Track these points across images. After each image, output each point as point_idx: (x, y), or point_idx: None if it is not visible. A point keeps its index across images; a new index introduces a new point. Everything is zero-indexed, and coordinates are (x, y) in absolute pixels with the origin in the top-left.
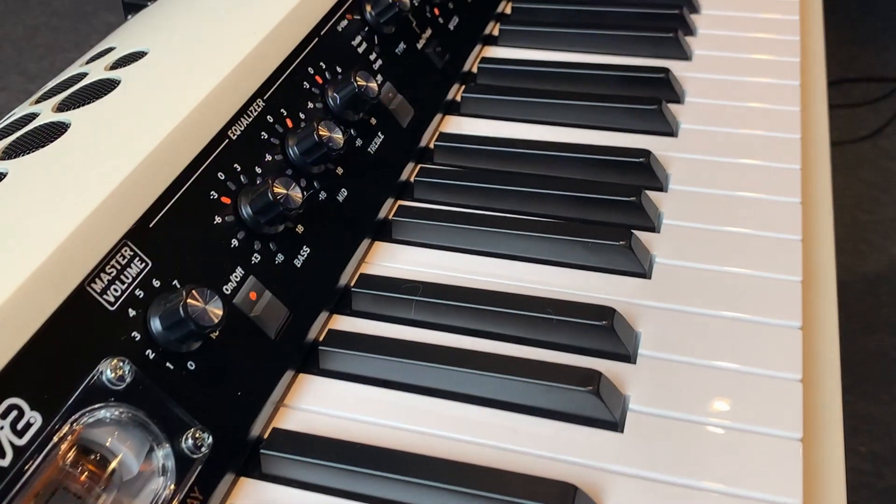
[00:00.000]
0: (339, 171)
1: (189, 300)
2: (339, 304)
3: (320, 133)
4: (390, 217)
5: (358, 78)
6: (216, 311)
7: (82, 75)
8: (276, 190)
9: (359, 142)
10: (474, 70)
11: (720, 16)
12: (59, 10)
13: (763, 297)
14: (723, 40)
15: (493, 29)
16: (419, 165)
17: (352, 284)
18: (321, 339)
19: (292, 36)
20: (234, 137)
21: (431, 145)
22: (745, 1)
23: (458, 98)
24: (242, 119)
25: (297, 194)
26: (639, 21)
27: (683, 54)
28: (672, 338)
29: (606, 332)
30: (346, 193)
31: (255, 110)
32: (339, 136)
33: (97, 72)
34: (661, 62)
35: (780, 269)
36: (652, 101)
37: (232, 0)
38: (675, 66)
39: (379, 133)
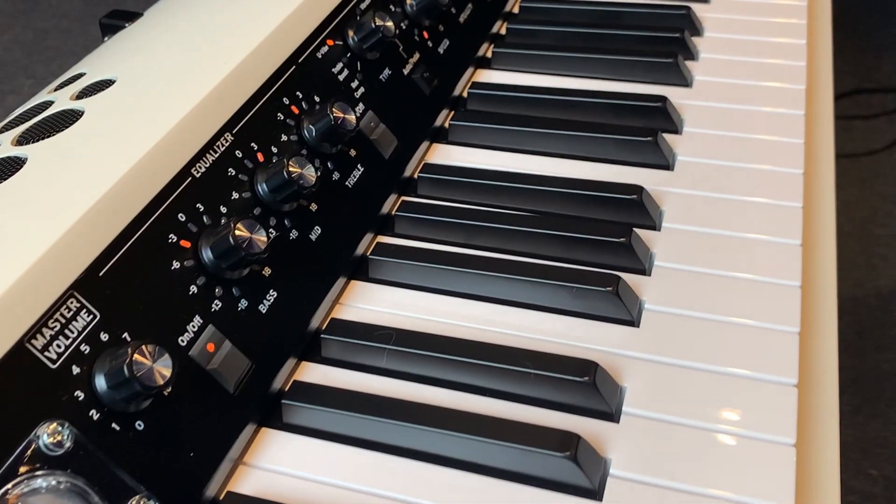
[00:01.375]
0: (313, 207)
1: (135, 358)
2: (308, 350)
3: (290, 170)
4: (368, 255)
5: (335, 109)
6: (164, 370)
7: (48, 104)
8: (238, 233)
9: (336, 175)
10: (465, 95)
11: (724, 39)
12: (69, 13)
13: (761, 350)
14: (726, 66)
15: (487, 51)
16: (401, 198)
17: (323, 328)
18: (286, 389)
19: (267, 65)
20: (197, 175)
21: (416, 175)
22: (750, 24)
23: (447, 125)
24: (208, 155)
25: (261, 237)
26: (638, 45)
27: (683, 80)
28: (660, 394)
29: (588, 388)
30: (319, 232)
31: (223, 145)
32: (311, 173)
33: (62, 101)
34: (660, 88)
35: (779, 321)
36: (647, 132)
37: (207, 25)
38: (675, 93)
39: (358, 165)
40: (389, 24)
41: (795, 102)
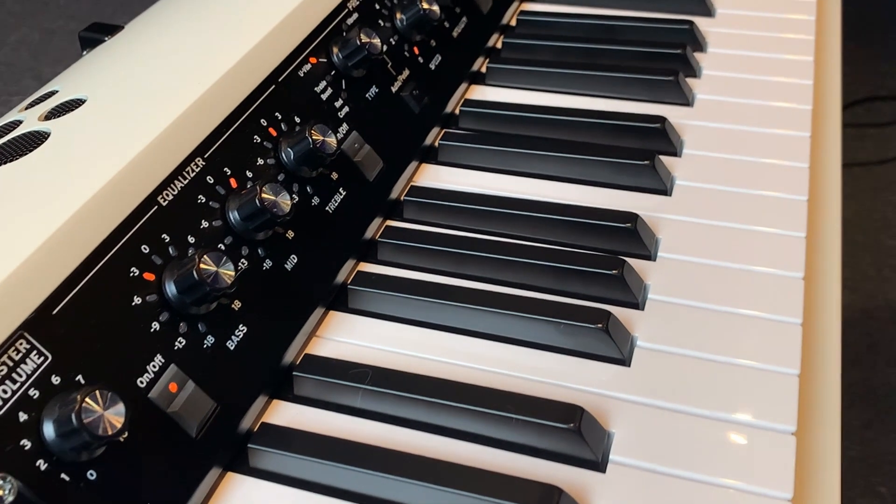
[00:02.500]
0: (290, 234)
1: (85, 405)
2: (281, 387)
3: (263, 197)
4: (348, 283)
5: (313, 132)
6: (116, 418)
7: (17, 123)
8: (203, 266)
9: (315, 200)
10: (457, 112)
11: (728, 55)
12: (77, 14)
13: (761, 395)
14: (729, 83)
15: (482, 65)
16: (385, 223)
17: (296, 363)
18: (255, 430)
19: (243, 85)
20: (164, 203)
21: (402, 199)
22: (756, 40)
23: (437, 144)
24: (177, 182)
25: (227, 271)
26: (638, 61)
27: (684, 99)
28: (651, 442)
29: (572, 435)
30: (295, 260)
31: (193, 171)
32: (286, 200)
33: (31, 121)
34: (660, 107)
35: (780, 362)
36: (645, 155)
37: (186, 41)
38: (675, 113)
39: (340, 189)
40: (376, 41)
41: (802, 124)
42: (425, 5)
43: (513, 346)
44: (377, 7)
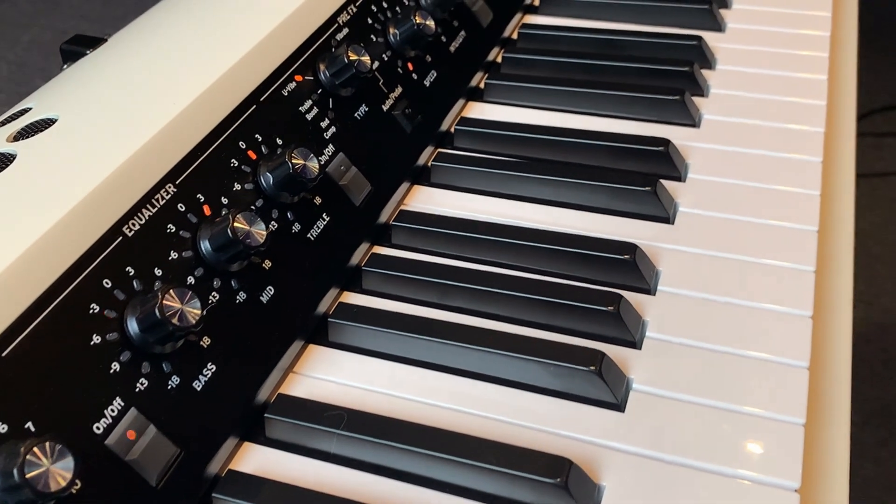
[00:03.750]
0: (267, 264)
1: (28, 458)
2: (253, 428)
3: (236, 226)
4: (328, 316)
5: (294, 156)
6: (62, 473)
7: None
8: (167, 302)
9: (296, 227)
10: (452, 131)
11: (738, 73)
12: (89, 15)
13: (766, 447)
14: (738, 103)
15: (481, 81)
16: (372, 250)
17: (271, 401)
18: (222, 476)
19: (221, 105)
20: (130, 234)
21: (391, 223)
22: (768, 55)
23: (430, 164)
24: (144, 210)
25: (193, 309)
26: (643, 78)
27: (690, 120)
28: (645, 497)
29: (558, 490)
30: (272, 292)
31: (163, 198)
32: (260, 230)
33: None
34: (664, 128)
35: (788, 412)
36: (646, 180)
37: (166, 56)
38: (680, 134)
39: (324, 215)
40: (365, 58)
41: (814, 148)
42: (420, 20)
43: (500, 387)
44: (369, 21)
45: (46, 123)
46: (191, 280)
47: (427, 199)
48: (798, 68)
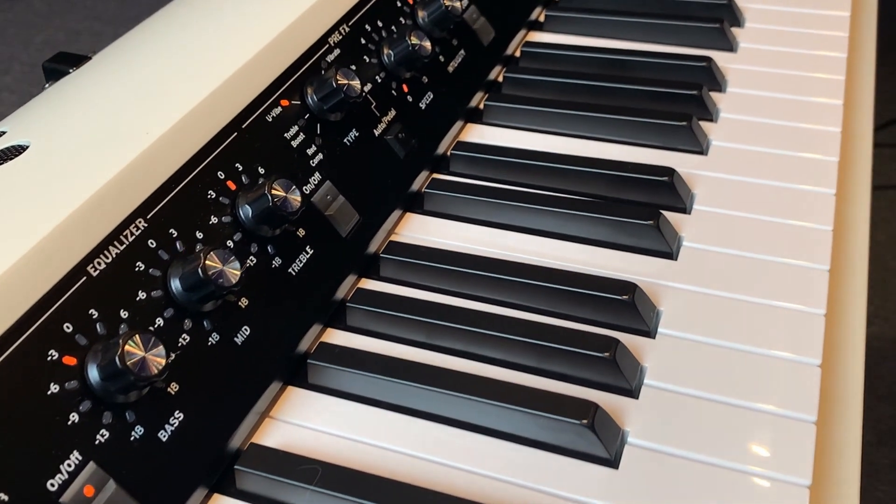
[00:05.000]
0: (244, 303)
1: None
2: (223, 479)
3: (207, 266)
4: (308, 357)
5: (275, 188)
6: None
7: None
8: (129, 349)
9: (277, 262)
10: (449, 154)
11: (750, 96)
12: (103, 16)
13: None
14: (749, 129)
15: (481, 101)
16: (358, 284)
17: (243, 449)
18: None
19: (198, 134)
20: (94, 273)
21: (380, 254)
22: (781, 78)
23: (423, 191)
24: (111, 248)
25: (157, 358)
26: (649, 102)
27: (698, 147)
28: None
29: None
30: (248, 333)
31: (132, 234)
32: (234, 269)
33: None
34: (671, 155)
35: (792, 472)
36: (649, 214)
37: (147, 80)
38: (687, 161)
39: (308, 248)
40: (355, 82)
41: (827, 180)
42: (415, 40)
43: (486, 437)
44: (363, 42)
45: (17, 151)
46: (160, 322)
47: (419, 229)
48: (813, 92)
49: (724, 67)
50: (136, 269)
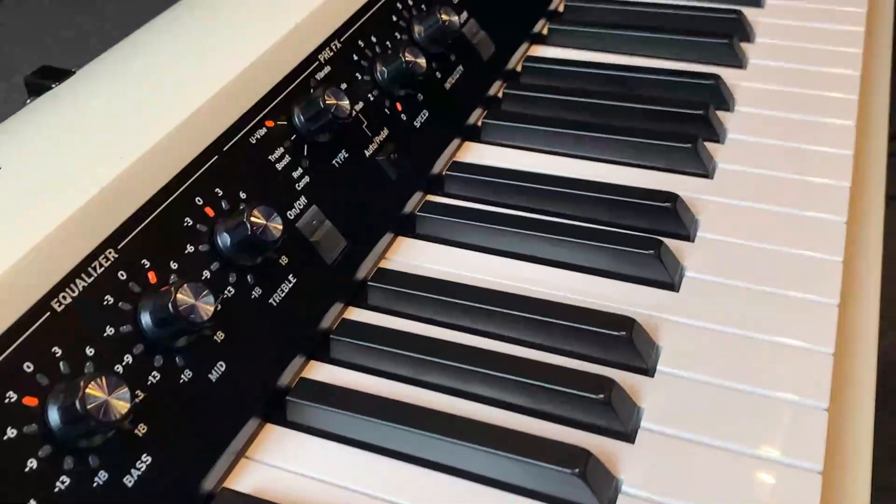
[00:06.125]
0: (219, 336)
1: None
2: None
3: (178, 300)
4: (287, 394)
5: (254, 215)
6: None
7: None
8: (90, 392)
9: (256, 292)
10: (444, 174)
11: (759, 115)
12: (113, 17)
13: None
14: (757, 151)
15: (479, 118)
16: (345, 313)
17: (215, 492)
18: None
19: (175, 158)
20: (59, 308)
21: (367, 282)
22: (792, 96)
23: (416, 214)
24: (78, 280)
25: (120, 402)
26: (653, 121)
27: (703, 169)
28: None
29: None
30: (223, 369)
31: (102, 265)
32: (207, 303)
33: None
34: (675, 178)
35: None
36: (650, 242)
37: (127, 99)
38: (691, 185)
39: (290, 276)
40: (344, 103)
41: (839, 207)
42: (409, 57)
43: (473, 483)
44: (355, 58)
45: None
46: (128, 359)
47: (410, 254)
48: (825, 112)
49: (732, 85)
50: (105, 303)
